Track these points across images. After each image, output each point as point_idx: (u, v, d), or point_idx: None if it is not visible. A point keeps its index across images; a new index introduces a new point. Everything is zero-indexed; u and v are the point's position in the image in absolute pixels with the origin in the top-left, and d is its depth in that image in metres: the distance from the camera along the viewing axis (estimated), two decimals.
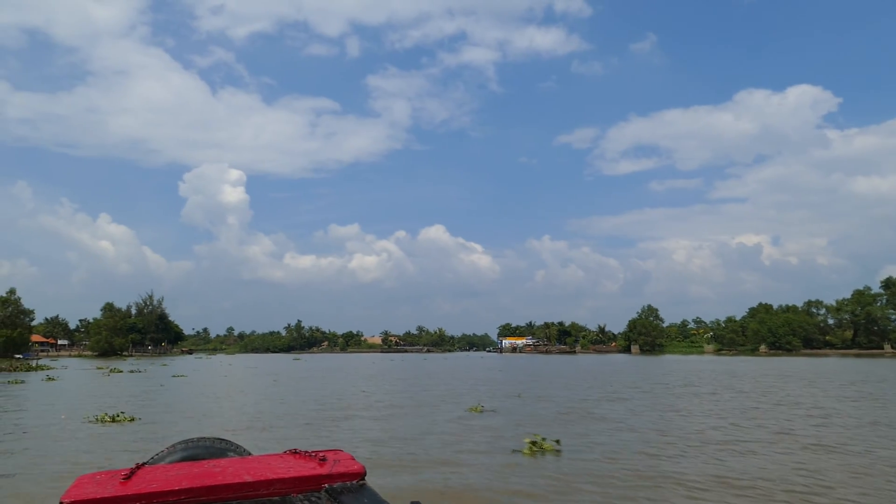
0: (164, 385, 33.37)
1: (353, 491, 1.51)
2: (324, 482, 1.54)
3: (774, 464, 10.77)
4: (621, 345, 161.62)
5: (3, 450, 12.65)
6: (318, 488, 1.54)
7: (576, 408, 20.21)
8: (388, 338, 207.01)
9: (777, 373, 45.68)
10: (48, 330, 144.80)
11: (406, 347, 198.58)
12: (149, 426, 15.97)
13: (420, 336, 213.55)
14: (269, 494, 1.51)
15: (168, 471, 1.63)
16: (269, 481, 1.51)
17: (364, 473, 1.58)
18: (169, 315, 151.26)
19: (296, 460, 1.70)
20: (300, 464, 1.65)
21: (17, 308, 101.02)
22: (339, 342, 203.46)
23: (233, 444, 2.10)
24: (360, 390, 29.19)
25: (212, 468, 1.62)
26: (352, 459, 1.67)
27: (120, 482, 1.52)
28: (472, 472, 10.14)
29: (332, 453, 1.73)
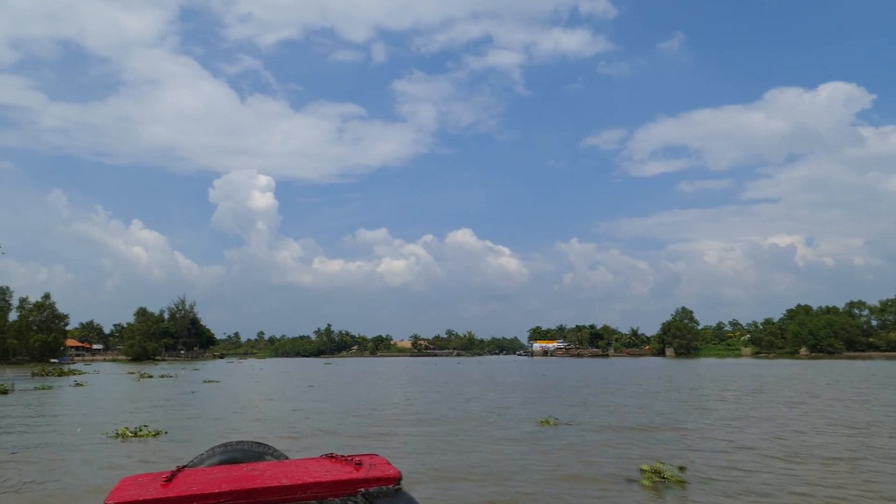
0: (194, 392, 31.35)
1: (389, 495, 1.51)
2: (360, 486, 1.54)
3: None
4: (655, 348, 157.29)
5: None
6: (354, 492, 1.54)
7: (658, 420, 17.51)
8: (418, 342, 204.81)
9: (841, 376, 42.29)
10: (83, 335, 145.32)
11: (435, 351, 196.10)
12: (175, 444, 13.69)
13: (449, 340, 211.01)
14: (306, 498, 1.51)
15: (208, 474, 1.65)
16: (307, 485, 1.52)
17: (400, 478, 1.58)
18: (201, 320, 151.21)
19: (332, 464, 1.71)
20: (336, 468, 1.66)
21: (52, 313, 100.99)
22: (368, 346, 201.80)
23: (270, 448, 2.13)
24: (404, 398, 26.78)
25: (250, 471, 1.65)
26: (387, 464, 1.68)
27: (161, 484, 1.54)
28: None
29: (368, 457, 1.75)
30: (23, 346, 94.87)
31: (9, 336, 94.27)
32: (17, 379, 46.98)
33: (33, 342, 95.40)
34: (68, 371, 58.88)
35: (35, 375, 52.66)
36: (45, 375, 52.67)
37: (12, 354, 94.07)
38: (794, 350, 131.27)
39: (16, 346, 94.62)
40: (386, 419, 18.27)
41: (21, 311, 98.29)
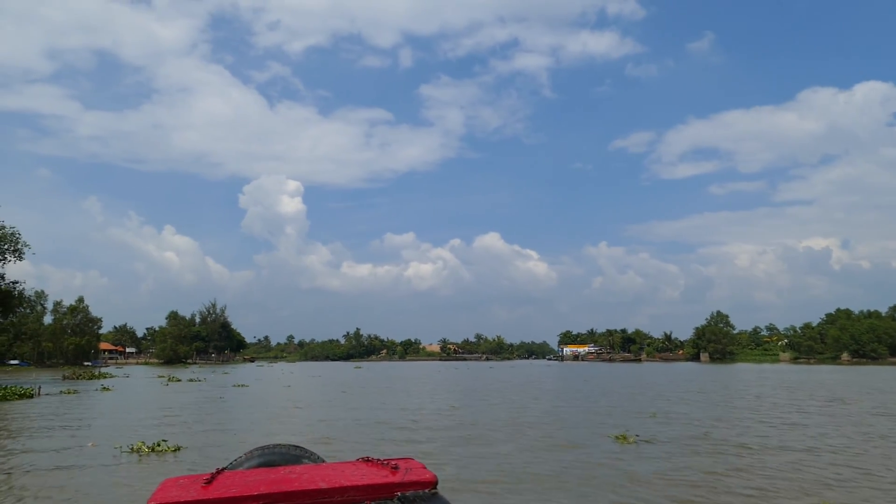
0: (223, 397, 29.41)
1: (425, 499, 1.52)
2: (396, 490, 1.55)
3: None
4: (689, 353, 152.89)
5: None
6: (390, 496, 1.55)
7: (753, 439, 14.91)
8: (447, 346, 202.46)
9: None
10: (117, 338, 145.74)
11: (465, 355, 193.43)
12: (196, 463, 11.51)
13: (478, 344, 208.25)
14: (343, 501, 1.53)
15: (246, 476, 1.68)
16: (343, 488, 1.53)
17: (436, 482, 1.57)
18: (231, 323, 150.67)
19: (368, 468, 1.73)
20: (373, 472, 1.67)
21: (86, 316, 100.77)
22: (397, 350, 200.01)
23: (307, 452, 2.18)
24: (448, 405, 24.43)
25: (288, 474, 1.66)
26: (423, 468, 1.68)
27: (202, 486, 1.56)
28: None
29: (404, 461, 1.75)
30: (57, 349, 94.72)
31: (43, 339, 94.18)
32: (45, 382, 45.76)
33: (67, 345, 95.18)
34: (99, 374, 57.75)
35: (66, 378, 51.54)
36: (75, 378, 51.51)
37: (47, 357, 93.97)
38: (835, 355, 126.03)
39: (50, 349, 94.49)
40: (436, 432, 15.93)
41: (55, 315, 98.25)
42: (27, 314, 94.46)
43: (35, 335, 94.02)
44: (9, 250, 43.09)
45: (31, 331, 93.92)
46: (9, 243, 42.80)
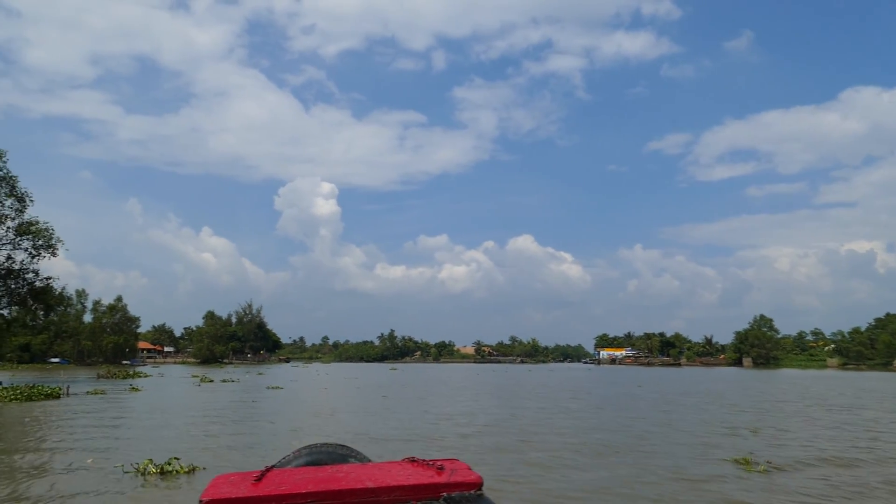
0: (255, 400, 27.06)
1: (470, 500, 1.52)
2: (442, 491, 1.55)
3: None
4: (731, 357, 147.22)
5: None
6: (436, 496, 1.54)
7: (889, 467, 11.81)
8: (481, 348, 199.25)
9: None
10: (156, 337, 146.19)
11: (499, 358, 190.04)
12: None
13: (513, 346, 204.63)
14: (389, 501, 1.53)
15: (295, 474, 1.69)
16: (390, 488, 1.54)
17: (481, 483, 1.57)
18: (267, 324, 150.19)
19: (414, 468, 1.71)
20: (418, 472, 1.67)
21: (124, 315, 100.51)
22: (431, 352, 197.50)
23: (354, 451, 2.19)
24: (509, 412, 21.53)
25: (335, 473, 1.67)
26: (469, 469, 1.66)
27: (252, 483, 1.58)
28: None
29: (449, 462, 1.73)
30: (96, 347, 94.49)
31: (83, 337, 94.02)
32: (78, 381, 44.30)
33: (106, 344, 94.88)
34: (134, 373, 56.38)
35: (100, 377, 50.22)
36: (109, 377, 50.14)
37: (87, 355, 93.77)
38: (886, 361, 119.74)
39: (90, 348, 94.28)
40: (503, 454, 13.13)
41: (95, 314, 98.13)
42: (67, 313, 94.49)
43: (75, 333, 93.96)
44: (42, 246, 41.46)
45: (72, 329, 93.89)
46: (42, 239, 41.17)
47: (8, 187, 40.56)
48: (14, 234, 40.42)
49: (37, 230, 41.04)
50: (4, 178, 40.36)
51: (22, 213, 40.89)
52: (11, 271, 41.36)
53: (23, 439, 14.55)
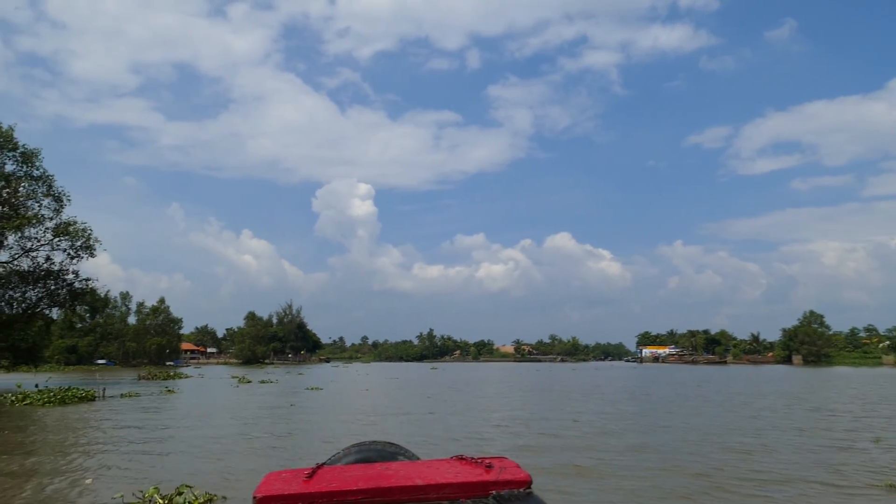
0: (294, 404, 25.27)
1: (520, 499, 1.49)
2: (491, 489, 1.53)
3: None
4: (779, 355, 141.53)
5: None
6: (485, 494, 1.52)
7: None
8: (521, 347, 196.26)
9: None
10: (199, 338, 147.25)
11: (539, 357, 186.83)
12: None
13: (553, 345, 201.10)
14: (438, 498, 1.52)
15: (345, 471, 1.70)
16: (439, 485, 1.52)
17: (531, 482, 1.55)
18: (307, 324, 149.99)
19: (463, 466, 1.69)
20: (467, 470, 1.65)
21: (167, 316, 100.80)
22: (470, 351, 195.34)
23: (402, 449, 2.15)
24: (569, 416, 19.18)
25: (384, 470, 1.67)
26: (518, 467, 1.64)
27: (303, 480, 1.59)
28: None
29: (498, 460, 1.70)
30: (141, 348, 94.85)
31: (127, 339, 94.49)
32: (119, 383, 43.46)
33: (150, 345, 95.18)
34: (175, 375, 55.65)
35: (141, 378, 49.50)
36: (150, 379, 49.36)
37: (132, 357, 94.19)
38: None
39: (134, 349, 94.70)
40: (586, 476, 10.88)
41: (139, 316, 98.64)
42: (112, 315, 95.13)
43: (120, 335, 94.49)
44: (81, 247, 40.60)
45: (117, 331, 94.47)
46: (81, 239, 40.29)
47: (45, 187, 39.84)
48: (52, 234, 39.62)
49: (74, 231, 40.14)
50: (41, 178, 39.64)
51: (59, 214, 40.14)
52: (51, 272, 40.58)
53: (28, 449, 12.89)
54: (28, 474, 10.24)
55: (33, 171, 39.34)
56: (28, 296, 40.38)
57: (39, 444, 13.93)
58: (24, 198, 39.24)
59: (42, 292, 40.69)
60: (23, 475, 10.17)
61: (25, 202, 39.27)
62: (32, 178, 39.45)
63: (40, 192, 39.63)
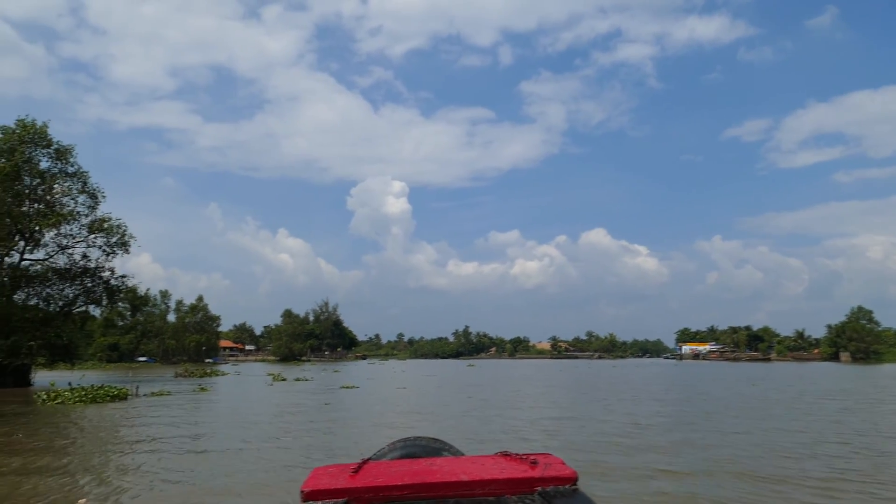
0: (328, 403, 23.87)
1: (566, 495, 1.46)
2: (536, 485, 1.50)
3: None
4: (826, 352, 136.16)
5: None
6: (530, 491, 1.49)
7: None
8: (557, 343, 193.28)
9: None
10: (237, 336, 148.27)
11: (576, 354, 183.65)
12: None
13: (590, 342, 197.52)
14: (483, 494, 1.50)
15: (391, 466, 1.69)
16: (484, 481, 1.50)
17: (576, 478, 1.52)
18: (343, 321, 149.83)
19: (507, 462, 1.67)
20: (512, 466, 1.62)
21: (206, 314, 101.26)
22: (506, 348, 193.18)
23: (447, 444, 2.15)
24: (631, 421, 17.24)
25: (429, 466, 1.66)
26: (563, 464, 1.61)
27: (350, 475, 1.59)
28: None
29: (543, 457, 1.67)
30: (180, 346, 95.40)
31: (167, 336, 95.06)
32: (155, 381, 42.91)
33: (189, 342, 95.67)
34: (211, 372, 55.12)
35: (178, 376, 49.05)
36: (187, 376, 48.83)
37: (171, 354, 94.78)
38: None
39: (173, 347, 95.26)
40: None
41: (178, 313, 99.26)
42: (152, 313, 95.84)
43: (160, 333, 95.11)
44: (116, 244, 40.05)
45: (156, 329, 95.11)
46: (116, 236, 39.74)
47: (80, 183, 39.40)
48: (87, 231, 39.15)
49: (109, 227, 39.60)
50: (76, 175, 39.19)
51: (94, 210, 39.67)
52: (87, 270, 40.14)
53: (31, 455, 11.64)
54: (12, 484, 8.91)
55: (68, 168, 38.94)
56: (65, 293, 40.06)
57: (47, 447, 12.69)
58: (60, 195, 38.89)
59: (79, 289, 40.29)
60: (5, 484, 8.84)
61: (61, 199, 38.92)
62: (67, 175, 39.05)
63: (75, 188, 39.23)
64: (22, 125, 36.92)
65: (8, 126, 36.72)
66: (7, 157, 35.75)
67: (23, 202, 37.32)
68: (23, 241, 37.75)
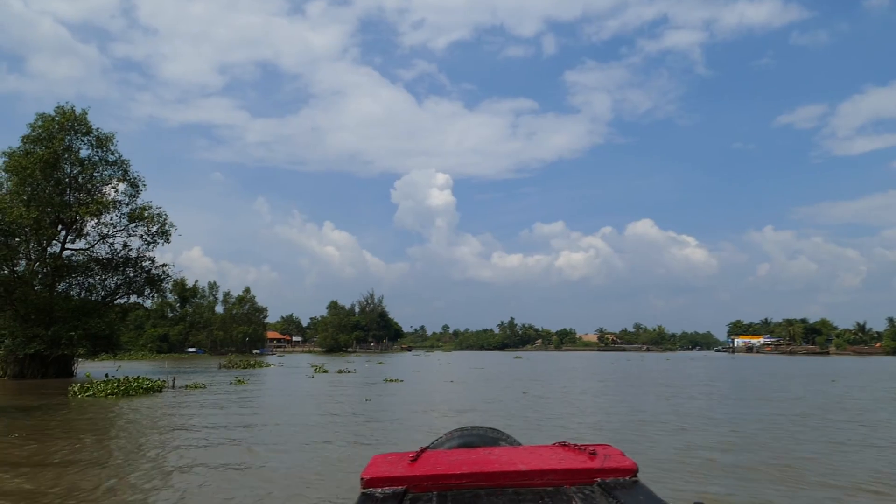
0: (370, 399, 21.65)
1: (626, 487, 1.41)
2: (596, 476, 1.47)
3: None
4: (888, 346, 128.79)
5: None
6: (590, 482, 1.46)
7: None
8: (604, 335, 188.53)
9: None
10: (284, 327, 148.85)
11: (624, 346, 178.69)
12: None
13: (637, 334, 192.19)
14: (542, 484, 1.47)
15: (449, 455, 1.67)
16: (543, 471, 1.48)
17: (636, 470, 1.48)
18: (389, 313, 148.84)
19: (566, 453, 1.64)
20: (571, 456, 1.60)
21: (253, 306, 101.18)
22: (553, 340, 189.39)
23: (504, 434, 2.13)
24: (727, 429, 14.44)
25: (487, 455, 1.64)
26: (622, 455, 1.58)
27: (408, 463, 1.58)
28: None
29: (602, 448, 1.64)
30: (228, 337, 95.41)
31: (215, 327, 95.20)
32: (193, 372, 41.75)
33: (237, 333, 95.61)
34: (255, 363, 53.96)
35: (222, 367, 47.94)
36: (230, 367, 47.69)
37: (220, 345, 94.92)
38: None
39: (221, 338, 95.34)
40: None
41: (225, 305, 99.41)
42: (201, 304, 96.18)
43: (208, 324, 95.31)
44: (157, 233, 38.89)
45: (205, 320, 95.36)
46: (157, 225, 38.55)
47: (120, 171, 38.32)
48: (127, 219, 38.06)
49: (150, 216, 38.41)
50: (116, 163, 38.11)
51: (135, 199, 38.57)
52: (129, 259, 39.11)
53: (9, 466, 9.66)
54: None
55: (108, 156, 37.91)
56: (107, 283, 39.14)
57: (29, 456, 10.74)
58: (100, 183, 37.89)
59: (121, 279, 39.33)
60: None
61: (101, 187, 37.92)
62: (108, 163, 38.03)
63: (116, 177, 38.20)
64: (61, 112, 35.91)
65: (47, 113, 35.77)
66: (46, 144, 34.81)
67: (64, 191, 36.39)
68: (64, 230, 36.89)
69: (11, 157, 34.14)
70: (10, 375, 33.32)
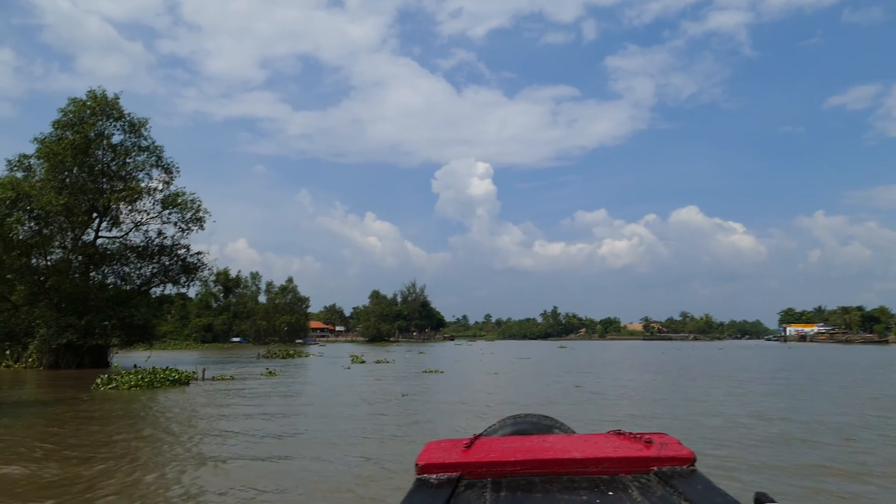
0: (406, 394, 19.39)
1: (684, 476, 1.37)
2: (652, 465, 1.43)
3: None
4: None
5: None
6: (646, 470, 1.42)
7: None
8: (650, 324, 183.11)
9: None
10: (327, 317, 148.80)
11: (670, 335, 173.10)
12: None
13: (684, 323, 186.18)
14: (597, 473, 1.43)
15: (503, 443, 1.66)
16: (598, 459, 1.45)
17: (694, 459, 1.44)
18: (431, 303, 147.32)
19: (621, 441, 1.61)
20: (626, 445, 1.56)
21: (295, 295, 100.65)
22: (597, 329, 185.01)
23: (558, 422, 2.10)
24: (843, 436, 11.68)
25: (541, 443, 1.62)
26: (679, 444, 1.54)
27: (462, 450, 1.56)
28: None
29: (658, 436, 1.60)
30: (271, 326, 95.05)
31: (258, 317, 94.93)
32: (231, 362, 40.45)
33: (279, 323, 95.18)
34: (294, 353, 52.61)
35: (261, 357, 46.73)
36: (270, 357, 46.39)
37: (264, 335, 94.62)
38: None
39: (264, 327, 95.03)
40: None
41: (268, 295, 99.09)
42: (244, 294, 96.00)
43: (252, 314, 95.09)
44: (191, 219, 37.53)
45: (249, 310, 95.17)
46: (190, 211, 37.18)
47: (154, 157, 37.04)
48: (160, 206, 36.77)
49: (183, 202, 37.05)
50: (149, 148, 36.83)
51: (169, 185, 37.27)
52: (164, 247, 37.90)
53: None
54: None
55: (141, 142, 36.65)
56: (142, 272, 38.04)
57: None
58: (134, 169, 36.69)
59: (157, 268, 38.18)
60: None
61: (135, 174, 36.73)
62: (141, 149, 36.79)
63: (150, 162, 36.96)
64: (93, 96, 34.69)
65: (79, 98, 34.60)
66: (77, 129, 33.65)
67: (97, 178, 35.24)
68: (98, 218, 35.82)
69: (43, 144, 33.09)
70: (46, 366, 32.46)
